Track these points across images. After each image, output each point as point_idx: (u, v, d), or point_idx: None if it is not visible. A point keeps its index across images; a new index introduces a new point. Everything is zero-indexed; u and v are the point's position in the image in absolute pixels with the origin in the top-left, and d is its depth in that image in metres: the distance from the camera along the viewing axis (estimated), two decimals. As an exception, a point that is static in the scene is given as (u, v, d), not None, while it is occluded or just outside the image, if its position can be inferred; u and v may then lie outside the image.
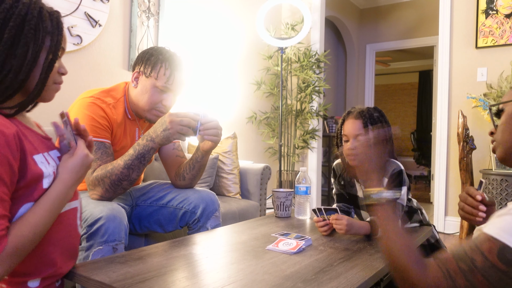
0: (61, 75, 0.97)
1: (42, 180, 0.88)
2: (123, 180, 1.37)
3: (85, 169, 0.96)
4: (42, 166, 0.89)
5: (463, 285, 0.70)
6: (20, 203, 0.85)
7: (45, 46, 0.90)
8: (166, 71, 1.47)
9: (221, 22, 3.39)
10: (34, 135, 0.93)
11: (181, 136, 1.37)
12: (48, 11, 0.92)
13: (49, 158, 0.93)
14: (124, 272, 0.95)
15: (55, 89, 0.97)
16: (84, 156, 0.95)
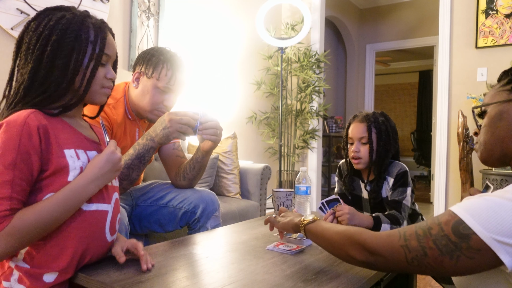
0: (110, 80, 1.02)
1: (67, 173, 0.91)
2: (123, 180, 1.37)
3: (110, 166, 0.96)
4: (70, 160, 0.92)
5: (414, 246, 0.76)
6: (43, 193, 0.88)
7: (87, 54, 0.95)
8: (168, 72, 1.48)
9: (221, 22, 3.39)
10: (73, 132, 0.97)
11: (181, 134, 1.37)
12: (92, 22, 0.97)
13: (82, 154, 0.95)
14: (124, 272, 0.95)
15: (104, 93, 1.01)
16: (110, 152, 0.97)
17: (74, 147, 0.94)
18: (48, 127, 0.89)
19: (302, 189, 1.68)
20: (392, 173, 1.46)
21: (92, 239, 0.96)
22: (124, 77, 2.55)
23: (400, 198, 1.40)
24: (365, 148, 1.46)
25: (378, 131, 1.46)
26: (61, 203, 0.88)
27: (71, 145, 0.94)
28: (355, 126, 1.49)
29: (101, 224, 0.99)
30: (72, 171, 0.91)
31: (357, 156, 1.47)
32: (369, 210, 1.54)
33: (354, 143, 1.48)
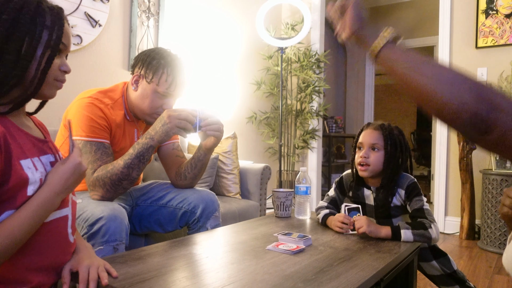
0: (64, 73, 0.94)
1: (26, 186, 0.83)
2: (123, 180, 1.37)
3: (76, 177, 0.91)
4: (29, 172, 0.84)
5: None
6: (1, 210, 0.80)
7: (42, 40, 0.86)
8: (168, 77, 1.47)
9: (221, 22, 3.39)
10: (26, 137, 0.89)
11: (180, 130, 1.37)
12: (48, 6, 0.89)
13: (38, 163, 0.88)
14: (124, 272, 0.95)
15: (56, 86, 0.93)
16: (77, 164, 0.90)
17: (30, 156, 0.86)
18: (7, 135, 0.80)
19: (302, 189, 1.68)
20: (402, 184, 1.46)
21: (57, 247, 0.92)
22: (124, 77, 2.55)
23: (420, 205, 1.41)
24: (374, 156, 1.44)
25: (393, 142, 1.45)
26: (29, 219, 0.81)
27: (27, 154, 0.85)
28: (368, 132, 1.47)
29: (64, 230, 0.94)
30: (31, 184, 0.83)
31: (364, 162, 1.44)
32: (373, 216, 1.53)
33: (364, 148, 1.46)
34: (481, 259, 2.64)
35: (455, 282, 1.49)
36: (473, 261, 2.59)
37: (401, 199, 1.47)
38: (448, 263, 1.49)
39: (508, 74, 3.15)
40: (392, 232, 1.33)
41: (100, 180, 1.35)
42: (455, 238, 3.23)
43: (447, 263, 1.49)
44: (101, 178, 1.35)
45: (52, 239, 0.90)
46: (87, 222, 1.23)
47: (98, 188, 1.36)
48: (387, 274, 1.09)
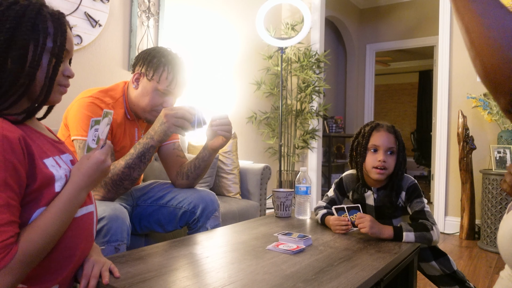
0: (67, 77, 0.95)
1: (53, 183, 0.85)
2: (124, 180, 1.37)
3: (99, 174, 0.93)
4: (53, 170, 0.86)
5: None
6: (33, 209, 0.82)
7: (47, 48, 0.87)
8: (169, 75, 1.47)
9: (221, 22, 3.39)
10: (44, 138, 0.91)
11: (178, 129, 1.36)
12: (49, 12, 0.89)
13: (60, 161, 0.91)
14: (124, 272, 0.95)
15: (61, 91, 0.94)
16: (100, 161, 0.92)
17: (51, 155, 0.89)
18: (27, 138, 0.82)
19: (302, 189, 1.68)
20: (403, 186, 1.46)
21: (85, 242, 0.94)
22: (124, 77, 2.55)
23: (421, 207, 1.42)
24: (391, 159, 1.44)
25: (402, 145, 1.47)
26: (60, 215, 0.83)
27: (48, 153, 0.88)
28: (384, 135, 1.44)
29: (91, 226, 0.97)
30: (58, 181, 0.86)
31: (383, 166, 1.43)
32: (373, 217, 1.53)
33: (381, 152, 1.43)
34: (481, 259, 2.64)
35: (455, 283, 1.49)
36: (473, 261, 2.59)
37: (401, 200, 1.48)
38: (448, 264, 1.49)
39: (508, 74, 3.15)
40: (394, 233, 1.33)
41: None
42: (455, 238, 3.23)
43: (447, 263, 1.50)
44: (101, 178, 1.35)
45: (81, 235, 0.93)
46: (88, 222, 1.23)
47: (99, 188, 1.36)
48: (387, 274, 1.09)
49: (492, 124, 3.23)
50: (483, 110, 3.12)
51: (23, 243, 0.76)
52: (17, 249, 0.75)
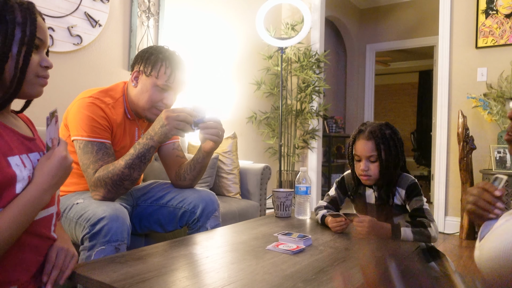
0: (45, 68, 0.91)
1: (14, 184, 0.81)
2: (124, 180, 1.37)
3: (63, 172, 0.88)
4: (17, 169, 0.82)
5: None
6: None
7: (16, 38, 0.84)
8: (167, 69, 1.47)
9: (221, 22, 3.39)
10: (13, 135, 0.88)
11: (179, 131, 1.36)
12: (17, 1, 0.87)
13: (26, 160, 0.86)
14: (124, 272, 0.95)
15: (40, 83, 0.91)
16: (62, 158, 0.88)
17: (18, 153, 0.84)
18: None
19: (302, 189, 1.68)
20: (403, 185, 1.46)
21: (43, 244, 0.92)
22: (124, 77, 2.55)
23: (420, 205, 1.42)
24: (374, 166, 1.44)
25: (387, 147, 1.43)
26: (18, 218, 0.79)
27: (15, 150, 0.84)
28: (362, 144, 1.45)
29: (48, 228, 0.94)
30: (20, 182, 0.82)
31: (366, 174, 1.45)
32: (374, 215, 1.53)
33: (363, 161, 1.45)
34: (481, 259, 2.63)
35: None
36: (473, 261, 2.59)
37: (401, 199, 1.48)
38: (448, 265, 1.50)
39: (508, 74, 3.15)
40: (392, 230, 1.34)
41: (102, 180, 1.35)
42: (455, 238, 3.23)
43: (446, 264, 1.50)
44: (102, 179, 1.35)
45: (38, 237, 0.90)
46: (89, 222, 1.23)
47: (100, 188, 1.36)
48: (387, 274, 1.09)
49: (492, 124, 3.23)
50: (483, 110, 3.12)
51: None
52: None
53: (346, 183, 1.62)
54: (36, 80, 0.90)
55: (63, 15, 2.22)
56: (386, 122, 1.50)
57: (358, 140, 1.47)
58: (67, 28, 2.24)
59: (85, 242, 1.23)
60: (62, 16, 2.21)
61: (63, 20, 2.22)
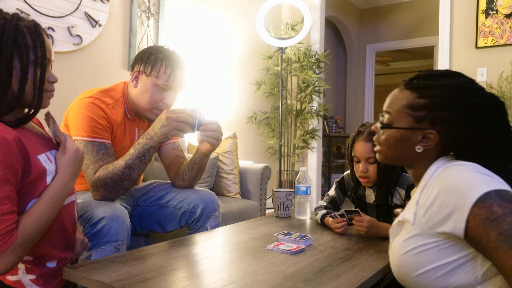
0: (52, 83, 1.03)
1: (45, 177, 0.97)
2: (124, 180, 1.37)
3: (78, 162, 1.04)
4: (46, 164, 0.97)
5: None
6: (27, 199, 0.94)
7: (30, 60, 0.94)
8: (167, 69, 1.47)
9: (221, 22, 3.39)
10: (36, 136, 1.02)
11: (179, 132, 1.36)
12: (26, 25, 0.95)
13: (51, 156, 1.01)
14: (124, 272, 0.95)
15: (48, 97, 1.03)
16: (75, 151, 1.03)
17: (44, 151, 0.99)
18: (20, 137, 0.92)
19: (302, 189, 1.68)
20: (403, 185, 1.46)
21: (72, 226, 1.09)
22: (124, 77, 2.55)
23: None
24: (373, 167, 1.44)
25: None
26: (51, 205, 0.95)
27: (41, 149, 0.99)
28: (360, 145, 1.45)
29: (73, 213, 1.10)
30: (49, 175, 0.98)
31: (365, 176, 1.45)
32: (374, 216, 1.54)
33: (362, 162, 1.45)
34: (481, 259, 2.63)
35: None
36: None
37: (401, 198, 1.48)
38: None
39: (508, 74, 3.15)
40: None
41: (102, 180, 1.35)
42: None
43: None
44: (102, 179, 1.35)
45: (67, 220, 1.06)
46: (89, 222, 1.23)
47: (100, 189, 1.36)
48: (387, 274, 1.09)
49: (492, 124, 3.23)
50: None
51: (22, 228, 0.89)
52: (17, 233, 0.88)
53: (346, 183, 1.62)
54: (45, 95, 1.02)
55: (63, 15, 2.22)
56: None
57: (357, 142, 1.47)
58: (67, 28, 2.24)
59: (85, 242, 1.23)
60: (62, 16, 2.21)
61: (63, 20, 2.22)
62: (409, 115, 0.93)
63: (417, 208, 0.90)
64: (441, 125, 0.90)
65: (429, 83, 0.92)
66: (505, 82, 3.13)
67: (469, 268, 0.82)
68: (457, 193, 0.80)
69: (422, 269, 0.86)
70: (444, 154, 0.94)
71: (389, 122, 0.96)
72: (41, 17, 2.10)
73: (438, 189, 0.84)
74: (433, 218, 0.84)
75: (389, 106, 0.97)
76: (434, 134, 0.90)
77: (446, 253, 0.84)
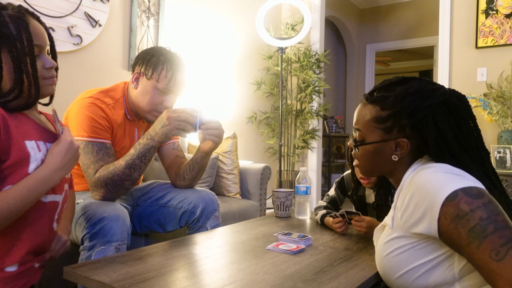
0: (50, 69, 0.97)
1: (27, 164, 0.90)
2: (125, 180, 1.37)
3: (71, 154, 0.97)
4: (31, 151, 0.91)
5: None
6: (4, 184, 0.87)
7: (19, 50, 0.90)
8: (168, 73, 1.47)
9: (221, 22, 3.39)
10: (33, 124, 0.97)
11: (180, 131, 1.36)
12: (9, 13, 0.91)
13: (42, 146, 0.95)
14: (124, 272, 0.95)
15: (48, 83, 0.98)
16: (69, 142, 0.97)
17: (35, 139, 0.94)
18: (7, 118, 0.88)
19: (302, 189, 1.68)
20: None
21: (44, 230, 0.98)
22: (124, 77, 2.55)
23: None
24: None
25: None
26: (26, 193, 0.87)
27: (32, 136, 0.94)
28: None
29: (52, 215, 1.00)
30: (33, 162, 0.91)
31: (365, 178, 1.45)
32: (374, 215, 1.54)
33: None
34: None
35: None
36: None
37: None
38: None
39: (508, 74, 3.15)
40: None
41: (102, 180, 1.35)
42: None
43: None
44: (103, 179, 1.35)
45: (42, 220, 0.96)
46: (89, 222, 1.23)
47: (100, 189, 1.36)
48: (387, 274, 1.09)
49: (492, 124, 3.23)
50: (483, 110, 3.12)
51: None
52: None
53: (346, 183, 1.62)
54: (44, 82, 0.97)
55: (63, 15, 2.22)
56: None
57: None
58: (67, 28, 2.24)
59: (85, 242, 1.23)
60: (62, 16, 2.21)
61: (63, 20, 2.22)
62: (378, 128, 0.96)
63: (394, 212, 0.93)
64: (409, 131, 0.93)
65: (387, 94, 0.95)
66: (505, 82, 3.13)
67: (446, 266, 0.84)
68: (427, 194, 0.82)
69: (402, 270, 0.88)
70: (419, 157, 0.97)
71: (361, 138, 1.00)
72: (41, 17, 2.09)
73: (411, 192, 0.86)
74: (408, 220, 0.86)
75: (357, 122, 1.01)
76: (405, 142, 0.94)
77: (422, 253, 0.86)
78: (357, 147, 1.02)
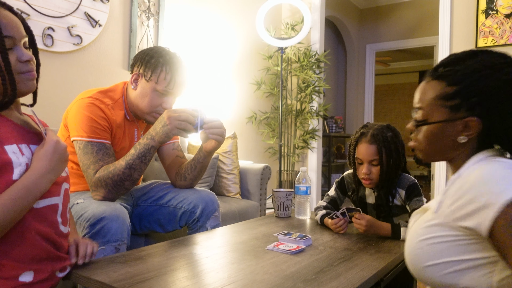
0: (26, 62, 0.89)
1: (11, 170, 0.83)
2: (125, 180, 1.37)
3: (58, 155, 0.90)
4: (13, 156, 0.84)
5: None
6: None
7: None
8: (167, 75, 1.47)
9: (221, 22, 3.39)
10: (14, 126, 0.90)
11: (180, 131, 1.36)
12: None
13: (26, 150, 0.88)
14: (124, 272, 0.95)
15: (27, 78, 0.90)
16: (55, 142, 0.90)
17: (16, 142, 0.87)
18: None
19: (302, 189, 1.68)
20: (403, 185, 1.47)
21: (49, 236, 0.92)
22: (124, 77, 2.55)
23: (419, 205, 1.42)
24: (376, 169, 1.43)
25: (389, 152, 1.43)
26: (14, 202, 0.80)
27: (12, 140, 0.86)
28: (364, 147, 1.44)
29: (54, 219, 0.94)
30: (17, 168, 0.84)
31: (368, 178, 1.45)
32: (374, 216, 1.54)
33: (364, 164, 1.45)
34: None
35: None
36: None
37: (401, 199, 1.48)
38: None
39: (508, 74, 3.15)
40: (392, 230, 1.34)
41: (102, 180, 1.35)
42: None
43: None
44: (103, 179, 1.35)
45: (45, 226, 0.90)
46: (89, 222, 1.23)
47: (100, 189, 1.36)
48: (387, 274, 1.09)
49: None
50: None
51: None
52: None
53: (346, 183, 1.62)
54: (21, 77, 0.89)
55: (63, 15, 2.22)
56: (388, 124, 1.50)
57: (360, 143, 1.46)
58: (67, 28, 2.24)
59: (85, 242, 1.23)
60: (62, 16, 2.21)
61: (63, 20, 2.22)
62: (443, 106, 0.86)
63: (444, 197, 0.84)
64: (479, 111, 0.82)
65: (455, 68, 0.85)
66: (505, 82, 3.13)
67: (485, 272, 0.77)
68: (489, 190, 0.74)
69: (435, 260, 0.82)
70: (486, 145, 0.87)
71: (424, 118, 0.89)
72: (41, 17, 2.10)
73: (471, 182, 0.78)
74: (458, 211, 0.78)
75: (420, 101, 0.90)
76: (475, 121, 0.83)
77: (463, 250, 0.79)
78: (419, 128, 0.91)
